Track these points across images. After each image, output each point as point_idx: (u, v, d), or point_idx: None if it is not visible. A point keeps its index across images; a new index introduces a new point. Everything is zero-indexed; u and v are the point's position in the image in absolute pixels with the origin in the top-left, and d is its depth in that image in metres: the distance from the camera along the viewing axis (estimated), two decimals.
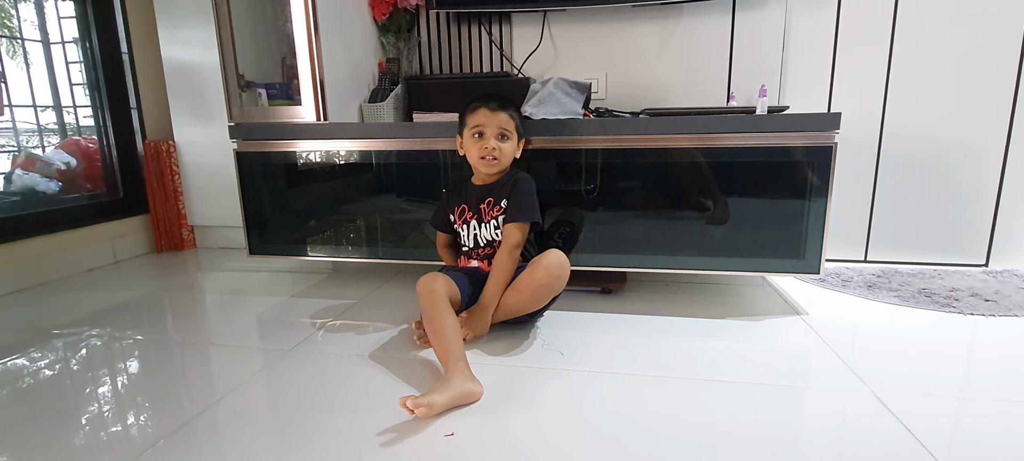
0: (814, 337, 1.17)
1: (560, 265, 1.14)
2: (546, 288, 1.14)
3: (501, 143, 1.21)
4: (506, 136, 1.21)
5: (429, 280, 1.10)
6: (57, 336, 1.25)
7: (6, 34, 1.77)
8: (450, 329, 1.01)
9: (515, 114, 1.24)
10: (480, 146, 1.20)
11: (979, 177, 1.65)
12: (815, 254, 1.25)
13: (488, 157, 1.20)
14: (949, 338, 1.17)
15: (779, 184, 1.25)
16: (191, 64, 1.95)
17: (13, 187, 1.76)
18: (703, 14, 1.74)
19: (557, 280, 1.15)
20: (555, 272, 1.13)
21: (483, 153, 1.20)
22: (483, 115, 1.20)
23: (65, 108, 1.93)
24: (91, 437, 0.84)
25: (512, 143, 1.23)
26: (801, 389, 0.95)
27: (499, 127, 1.20)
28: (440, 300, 1.07)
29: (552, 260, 1.13)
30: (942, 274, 1.61)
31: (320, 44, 1.49)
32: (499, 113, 1.20)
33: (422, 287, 1.10)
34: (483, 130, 1.20)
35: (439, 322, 1.03)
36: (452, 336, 1.00)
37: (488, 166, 1.22)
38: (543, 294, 1.15)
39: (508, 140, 1.22)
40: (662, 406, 0.89)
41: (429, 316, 1.06)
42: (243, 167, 1.54)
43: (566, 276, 1.16)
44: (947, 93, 1.62)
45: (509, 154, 1.23)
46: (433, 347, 1.04)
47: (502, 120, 1.20)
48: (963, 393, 0.93)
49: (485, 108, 1.20)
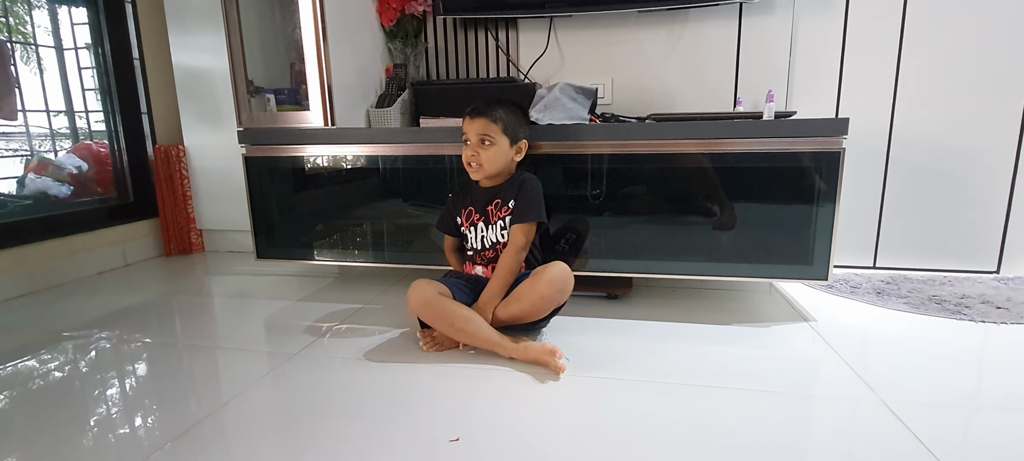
0: (822, 344, 1.16)
1: (563, 279, 1.14)
2: (548, 301, 1.14)
3: (481, 149, 1.20)
4: (488, 140, 1.19)
5: (417, 292, 1.11)
6: (67, 338, 1.27)
7: (20, 40, 1.80)
8: (475, 321, 1.10)
9: (502, 116, 1.20)
10: (464, 153, 1.22)
11: (990, 182, 1.63)
12: (823, 260, 1.24)
13: (473, 164, 1.21)
14: (960, 346, 1.15)
15: (786, 189, 1.24)
16: (201, 70, 1.97)
17: (26, 191, 1.78)
18: (709, 19, 1.74)
19: (560, 293, 1.14)
20: (558, 286, 1.13)
21: (465, 160, 1.22)
22: (466, 123, 1.21)
23: (77, 113, 1.95)
24: (99, 439, 0.84)
25: (499, 148, 1.20)
26: (809, 397, 0.94)
27: (478, 133, 1.19)
28: (443, 301, 1.10)
29: (556, 273, 1.13)
30: (952, 281, 1.59)
31: (328, 50, 1.50)
32: (477, 119, 1.19)
33: (416, 301, 1.11)
34: (467, 138, 1.21)
35: (461, 318, 1.09)
36: (481, 324, 1.10)
37: (473, 173, 1.23)
38: (544, 306, 1.14)
39: (492, 145, 1.19)
40: (668, 413, 0.89)
41: (447, 320, 1.09)
42: (251, 172, 1.55)
43: (569, 289, 1.16)
44: (957, 97, 1.61)
45: (496, 158, 1.20)
46: (465, 344, 1.11)
47: (479, 126, 1.19)
48: (975, 402, 0.92)
49: (468, 115, 1.21)
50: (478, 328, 1.10)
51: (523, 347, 1.06)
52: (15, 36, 1.78)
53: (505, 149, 1.21)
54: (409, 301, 1.13)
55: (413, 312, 1.14)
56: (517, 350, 1.06)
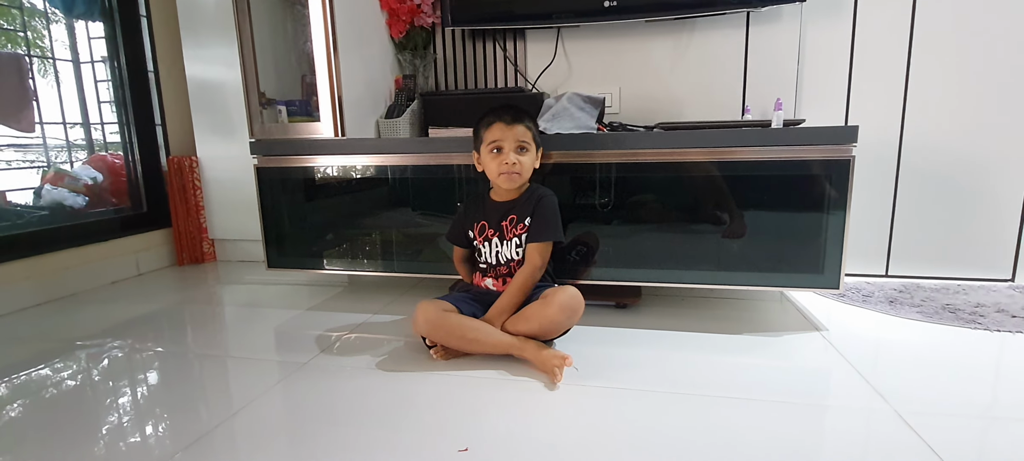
0: (834, 354, 1.15)
1: (573, 305, 1.12)
2: (557, 325, 1.12)
3: (520, 156, 1.18)
4: (524, 148, 1.19)
5: (423, 314, 1.11)
6: (80, 347, 1.28)
7: (38, 54, 1.84)
8: (485, 330, 1.10)
9: (531, 124, 1.21)
10: (499, 161, 1.18)
11: (1004, 189, 1.61)
12: (834, 269, 1.23)
13: (509, 172, 1.18)
14: (975, 356, 1.13)
15: (796, 198, 1.23)
16: (214, 82, 2.00)
17: (42, 202, 1.82)
18: (717, 28, 1.74)
19: (569, 319, 1.13)
20: (568, 312, 1.11)
21: (503, 168, 1.18)
22: (499, 130, 1.18)
23: (93, 125, 1.99)
24: (110, 447, 0.85)
25: (531, 155, 1.20)
26: (822, 407, 0.93)
27: (516, 140, 1.17)
28: (449, 317, 1.10)
29: (566, 298, 1.11)
30: (966, 289, 1.57)
31: (339, 62, 1.52)
32: (515, 126, 1.17)
33: (422, 323, 1.10)
34: (501, 145, 1.18)
35: (471, 329, 1.09)
36: (491, 331, 1.10)
37: (509, 181, 1.19)
38: (553, 329, 1.13)
39: (527, 152, 1.19)
40: (678, 423, 0.88)
41: (457, 334, 1.09)
42: (263, 182, 1.57)
43: (580, 314, 1.14)
44: (968, 103, 1.60)
45: (529, 166, 1.21)
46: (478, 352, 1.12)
47: (519, 133, 1.17)
48: (990, 413, 0.91)
49: (500, 123, 1.18)
50: (490, 335, 1.10)
51: (536, 346, 1.08)
52: (34, 50, 1.82)
53: (534, 155, 1.22)
54: (414, 323, 1.12)
55: (418, 333, 1.14)
56: (530, 350, 1.07)
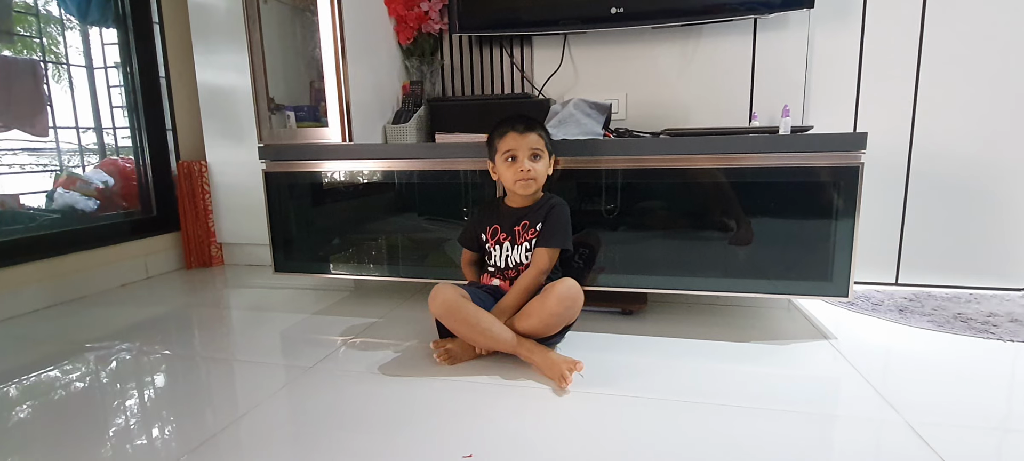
0: (844, 363, 1.13)
1: (572, 296, 1.13)
2: (558, 317, 1.13)
3: (534, 163, 1.21)
4: (537, 155, 1.22)
5: (441, 295, 1.12)
6: (89, 349, 1.29)
7: (53, 60, 1.87)
8: (497, 325, 1.11)
9: (543, 132, 1.25)
10: (515, 169, 1.21)
11: (1016, 197, 1.59)
12: (843, 276, 1.22)
13: (524, 179, 1.21)
14: (987, 366, 1.12)
15: (804, 205, 1.23)
16: (224, 88, 2.03)
17: (54, 205, 1.84)
18: (724, 35, 1.74)
19: (569, 310, 1.14)
20: (567, 302, 1.12)
21: (518, 176, 1.21)
22: (512, 139, 1.21)
23: (105, 129, 2.02)
24: (117, 449, 0.86)
25: (544, 161, 1.23)
26: (831, 417, 0.92)
27: (530, 148, 1.21)
28: (465, 304, 1.11)
29: (564, 290, 1.12)
30: (978, 298, 1.55)
31: (347, 68, 1.53)
32: (528, 134, 1.21)
33: (439, 303, 1.11)
34: (515, 153, 1.21)
35: (484, 321, 1.10)
36: (502, 327, 1.12)
37: (525, 187, 1.22)
38: (555, 323, 1.14)
39: (540, 159, 1.22)
40: (684, 431, 0.87)
41: (470, 323, 1.10)
42: (271, 187, 1.58)
43: (579, 305, 1.16)
44: (979, 110, 1.58)
45: (543, 173, 1.24)
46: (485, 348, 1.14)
47: (532, 141, 1.21)
48: (1004, 424, 0.89)
49: (513, 132, 1.21)
50: (501, 331, 1.11)
51: (544, 351, 1.08)
52: (48, 56, 1.85)
53: (547, 162, 1.25)
54: (431, 304, 1.13)
55: (434, 313, 1.14)
56: (538, 355, 1.08)
